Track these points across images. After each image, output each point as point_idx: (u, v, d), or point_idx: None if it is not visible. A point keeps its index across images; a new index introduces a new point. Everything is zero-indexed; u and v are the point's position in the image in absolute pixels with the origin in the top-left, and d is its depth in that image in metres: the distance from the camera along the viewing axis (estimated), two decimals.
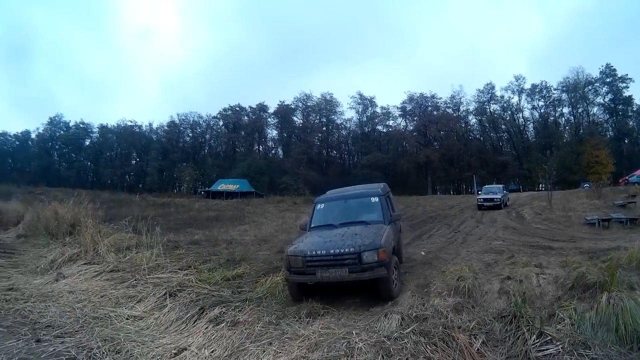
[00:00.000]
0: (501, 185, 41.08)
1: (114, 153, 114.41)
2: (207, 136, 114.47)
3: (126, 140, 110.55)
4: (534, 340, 5.65)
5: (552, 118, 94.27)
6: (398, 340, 5.93)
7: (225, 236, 20.65)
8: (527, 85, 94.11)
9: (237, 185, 72.19)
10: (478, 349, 5.71)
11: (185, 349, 6.27)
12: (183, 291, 8.84)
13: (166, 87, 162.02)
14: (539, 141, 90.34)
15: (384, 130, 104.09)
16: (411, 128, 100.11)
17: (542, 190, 53.41)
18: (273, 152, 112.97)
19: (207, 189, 78.35)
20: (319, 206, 11.50)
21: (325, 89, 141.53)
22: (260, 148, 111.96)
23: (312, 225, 10.94)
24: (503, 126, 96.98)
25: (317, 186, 68.89)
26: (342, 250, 8.37)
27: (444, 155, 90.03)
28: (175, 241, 16.75)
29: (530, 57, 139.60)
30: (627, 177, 51.77)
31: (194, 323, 7.40)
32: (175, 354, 6.13)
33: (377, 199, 10.99)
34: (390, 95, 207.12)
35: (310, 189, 64.25)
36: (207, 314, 7.65)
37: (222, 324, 7.11)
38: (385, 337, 6.10)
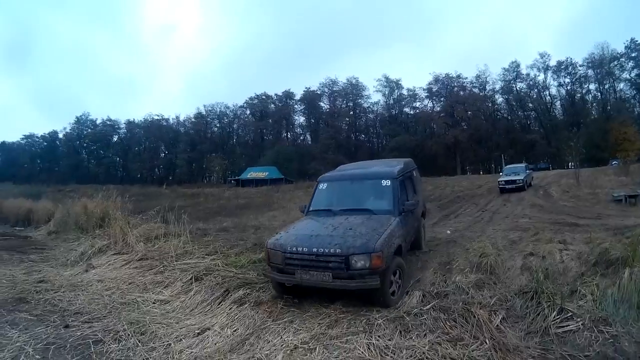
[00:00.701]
0: (523, 165, 37.45)
1: (142, 147, 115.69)
2: (235, 126, 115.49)
3: (154, 134, 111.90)
4: (554, 317, 5.64)
5: (578, 95, 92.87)
6: (417, 317, 6.01)
7: (254, 222, 21.00)
8: (553, 63, 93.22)
9: (266, 173, 73.16)
10: (497, 325, 5.70)
11: (209, 329, 6.37)
12: (209, 275, 8.79)
13: (191, 79, 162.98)
14: (566, 119, 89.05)
15: (411, 112, 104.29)
16: (438, 109, 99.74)
17: (571, 168, 52.38)
18: (301, 138, 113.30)
19: (236, 177, 79.05)
20: (321, 186, 9.78)
21: (351, 73, 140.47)
22: (288, 135, 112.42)
23: (311, 209, 9.40)
24: (530, 104, 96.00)
25: None
26: (327, 250, 6.82)
27: (472, 135, 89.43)
28: (203, 229, 16.84)
29: (556, 34, 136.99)
30: None
31: (219, 304, 7.44)
32: (199, 334, 6.22)
33: (388, 182, 8.85)
34: (416, 77, 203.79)
35: None
36: (231, 295, 7.68)
37: (246, 305, 7.18)
38: (404, 313, 6.19)
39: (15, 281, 8.98)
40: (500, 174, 37.44)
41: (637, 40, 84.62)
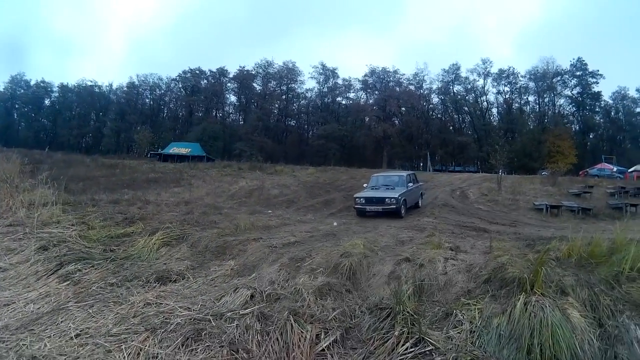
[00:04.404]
0: (404, 174, 22.39)
1: (73, 113, 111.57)
2: (167, 99, 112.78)
3: (85, 101, 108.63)
4: (407, 348, 4.25)
5: (516, 105, 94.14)
6: (227, 322, 4.92)
7: (153, 197, 20.87)
8: (494, 70, 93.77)
9: (189, 149, 71.51)
10: (323, 349, 4.59)
11: (14, 303, 5.93)
12: (59, 246, 8.27)
13: (131, 43, 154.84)
14: (501, 126, 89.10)
15: (344, 103, 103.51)
16: (371, 102, 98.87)
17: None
18: (233, 117, 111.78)
19: (160, 151, 76.16)
20: None
21: (288, 57, 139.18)
22: (218, 113, 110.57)
23: None
24: (465, 108, 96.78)
25: (272, 154, 70.42)
26: None
27: (403, 131, 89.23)
28: (96, 199, 16.62)
29: (508, 44, 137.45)
30: (587, 170, 51.85)
31: (48, 277, 6.90)
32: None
33: None
34: (355, 68, 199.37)
35: (265, 156, 63.00)
36: (63, 269, 7.10)
37: (68, 282, 6.66)
38: (215, 315, 5.11)
39: None
40: (365, 185, 22.07)
41: (583, 60, 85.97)
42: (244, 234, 10.25)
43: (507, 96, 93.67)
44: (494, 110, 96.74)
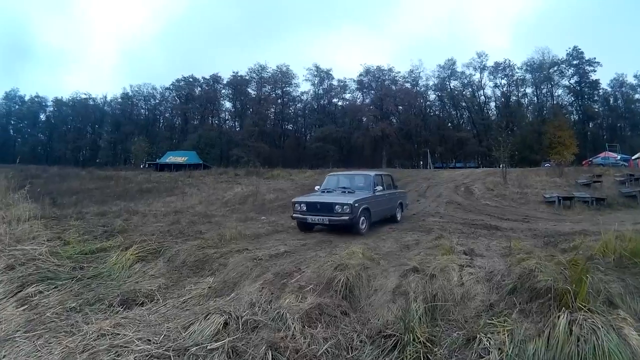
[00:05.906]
0: (371, 174, 15.36)
1: (69, 127, 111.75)
2: (162, 108, 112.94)
3: (80, 114, 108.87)
4: None
5: (514, 97, 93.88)
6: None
7: (144, 208, 20.09)
8: (490, 63, 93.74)
9: (186, 158, 71.35)
10: None
11: None
12: (27, 264, 7.37)
13: (124, 54, 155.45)
14: (500, 119, 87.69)
15: (340, 104, 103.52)
16: (367, 101, 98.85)
17: (501, 167, 51.33)
18: (229, 123, 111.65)
19: (157, 161, 75.43)
20: None
21: (281, 60, 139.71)
22: (214, 120, 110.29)
23: None
24: (463, 103, 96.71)
25: (270, 159, 71.45)
26: None
27: (401, 129, 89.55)
28: (82, 212, 15.90)
29: (515, 33, 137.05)
30: (591, 159, 51.29)
31: (7, 301, 5.99)
32: None
33: None
34: (349, 68, 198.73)
35: (262, 161, 63.70)
36: (25, 290, 6.24)
37: (25, 306, 5.76)
38: (178, 350, 4.04)
39: None
40: (317, 188, 16.03)
41: (579, 48, 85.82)
42: (229, 245, 9.29)
43: (504, 89, 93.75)
44: (492, 104, 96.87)
